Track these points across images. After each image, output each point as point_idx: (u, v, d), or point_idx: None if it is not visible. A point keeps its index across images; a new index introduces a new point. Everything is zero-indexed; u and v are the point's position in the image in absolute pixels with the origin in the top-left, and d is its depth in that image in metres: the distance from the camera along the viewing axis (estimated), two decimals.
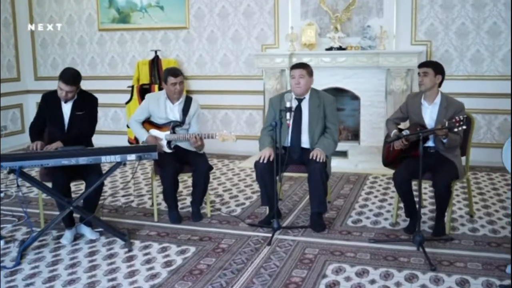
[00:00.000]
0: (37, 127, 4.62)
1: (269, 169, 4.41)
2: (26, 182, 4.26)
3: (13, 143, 8.31)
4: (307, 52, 7.08)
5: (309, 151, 4.55)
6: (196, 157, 4.82)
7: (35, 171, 5.97)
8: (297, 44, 7.20)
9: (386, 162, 4.72)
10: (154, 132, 4.87)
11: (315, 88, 4.81)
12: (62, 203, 4.23)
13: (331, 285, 3.51)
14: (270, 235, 4.33)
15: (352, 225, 4.65)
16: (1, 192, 5.64)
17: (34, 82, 8.86)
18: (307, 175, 4.58)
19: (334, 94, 5.02)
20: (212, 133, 4.74)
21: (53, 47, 8.71)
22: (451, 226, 4.47)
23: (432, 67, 4.34)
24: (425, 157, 4.01)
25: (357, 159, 6.83)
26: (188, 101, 4.95)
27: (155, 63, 7.79)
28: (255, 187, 5.89)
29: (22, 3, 8.63)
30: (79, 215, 4.40)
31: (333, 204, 5.25)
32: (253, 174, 6.38)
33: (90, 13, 8.38)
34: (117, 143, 6.73)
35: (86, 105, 4.61)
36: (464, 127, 3.84)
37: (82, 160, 4.01)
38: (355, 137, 7.41)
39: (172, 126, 4.83)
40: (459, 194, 5.42)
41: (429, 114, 4.39)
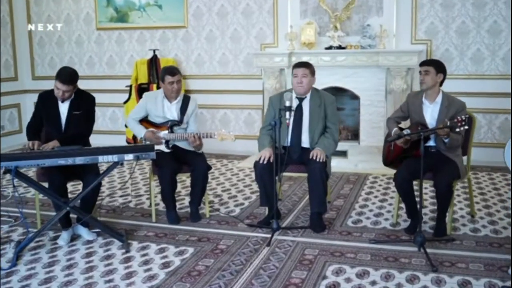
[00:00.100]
0: (34, 126, 4.56)
1: (268, 169, 4.36)
2: (22, 182, 4.20)
3: (11, 143, 8.26)
4: (307, 51, 7.04)
5: (309, 150, 4.51)
6: (194, 157, 4.77)
7: (32, 171, 5.91)
8: (297, 43, 7.16)
9: (386, 161, 4.67)
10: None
11: (315, 87, 4.76)
12: (58, 203, 4.18)
13: (331, 287, 3.46)
14: (269, 235, 4.28)
15: (352, 226, 4.60)
16: None
17: (31, 81, 8.81)
18: (306, 175, 4.53)
19: (333, 93, 4.97)
20: (210, 133, 4.69)
21: (50, 46, 8.65)
22: (452, 226, 4.42)
23: (433, 65, 4.30)
24: (426, 157, 3.96)
25: (357, 159, 6.78)
26: (186, 100, 4.90)
27: (154, 63, 7.75)
28: (254, 187, 5.84)
29: (19, 2, 8.58)
30: (76, 215, 4.35)
31: (333, 204, 5.20)
32: (252, 174, 6.34)
33: (88, 12, 8.33)
34: (115, 143, 6.67)
35: (83, 105, 4.56)
36: (466, 127, 3.80)
37: (79, 160, 3.96)
38: (355, 136, 7.36)
39: (170, 125, 4.78)
40: (460, 194, 5.38)
41: (430, 113, 4.34)
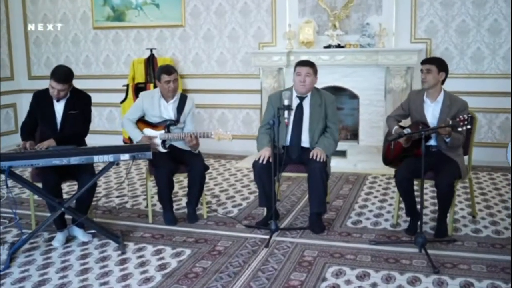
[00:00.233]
0: (28, 126, 4.49)
1: (267, 169, 4.30)
2: (16, 182, 4.13)
3: (7, 143, 8.15)
4: (305, 50, 6.98)
5: (308, 150, 4.45)
6: (191, 156, 4.70)
7: (28, 171, 5.84)
8: (295, 42, 7.09)
9: (386, 160, 4.61)
10: (148, 131, 4.75)
11: (315, 86, 4.69)
12: (53, 204, 4.11)
13: None
14: (267, 237, 4.21)
15: (352, 226, 4.53)
16: None
17: (27, 81, 8.74)
18: (305, 175, 4.48)
19: (332, 92, 4.91)
20: (207, 132, 4.62)
21: (47, 46, 8.58)
22: (453, 227, 4.35)
23: (435, 64, 4.22)
24: (427, 156, 3.89)
25: (356, 159, 6.72)
26: (183, 99, 4.83)
27: (151, 62, 7.68)
28: (252, 187, 5.78)
29: (15, 1, 8.50)
30: (71, 216, 4.27)
31: (332, 204, 5.14)
32: (250, 174, 6.29)
33: (84, 11, 8.27)
34: (112, 143, 6.57)
35: (79, 104, 4.49)
36: (468, 126, 3.74)
37: (74, 160, 3.89)
38: (354, 136, 7.30)
39: (166, 125, 4.71)
40: (461, 194, 5.31)
41: (432, 112, 4.28)
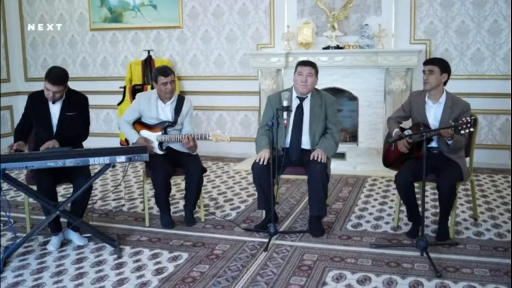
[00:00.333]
0: (23, 128, 4.41)
1: (266, 171, 4.23)
2: (10, 185, 4.05)
3: (3, 146, 8.08)
4: (304, 51, 6.92)
5: (309, 152, 4.38)
6: (189, 159, 4.63)
7: (23, 173, 5.76)
8: (294, 43, 7.04)
9: (386, 162, 4.55)
10: (145, 133, 4.68)
11: (316, 87, 4.63)
12: (47, 207, 4.03)
13: None
14: (266, 240, 4.14)
15: (352, 230, 4.46)
16: None
17: (24, 83, 8.67)
18: (304, 178, 4.42)
19: (331, 94, 4.84)
20: (205, 134, 4.55)
21: (43, 47, 8.51)
22: (455, 230, 4.28)
23: (438, 65, 4.15)
24: (428, 158, 3.82)
25: (356, 161, 6.66)
26: (180, 100, 4.76)
27: (148, 63, 7.62)
28: (251, 190, 5.71)
29: (12, 2, 8.44)
30: (66, 220, 4.20)
31: (332, 207, 5.07)
32: (249, 177, 6.23)
33: (81, 12, 8.20)
34: (109, 145, 6.43)
35: (77, 105, 4.41)
36: (471, 129, 3.67)
37: (69, 162, 3.81)
38: (353, 138, 7.23)
39: (163, 126, 4.64)
40: (462, 196, 5.25)
41: (433, 113, 4.21)
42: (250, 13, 7.40)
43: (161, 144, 4.65)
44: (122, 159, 3.88)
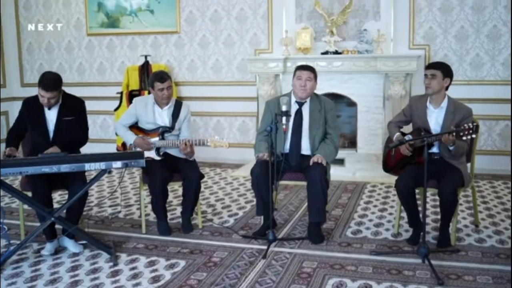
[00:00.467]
0: (15, 133, 4.33)
1: (265, 177, 4.16)
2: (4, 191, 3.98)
3: None
4: (302, 56, 6.87)
5: (308, 157, 4.32)
6: (186, 164, 4.57)
7: (18, 180, 5.68)
8: (292, 48, 7.00)
9: (386, 167, 4.49)
10: None
11: (315, 92, 4.57)
12: (42, 213, 3.96)
13: None
14: (265, 247, 4.07)
15: (352, 236, 4.40)
16: None
17: (20, 88, 8.59)
18: (303, 184, 4.37)
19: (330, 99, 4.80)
20: (203, 139, 4.49)
21: (40, 52, 8.45)
22: (456, 236, 4.22)
23: (441, 69, 4.09)
24: (429, 164, 3.75)
25: (355, 167, 6.61)
26: (178, 105, 4.71)
27: (145, 69, 7.57)
28: (249, 196, 5.65)
29: (8, 6, 8.38)
30: (61, 226, 4.12)
31: (331, 214, 5.00)
32: (247, 183, 6.17)
33: (78, 17, 8.15)
34: (106, 151, 6.46)
35: (74, 110, 4.35)
36: (474, 136, 3.62)
37: (64, 167, 3.74)
38: (352, 144, 7.17)
39: (161, 132, 4.58)
40: (462, 203, 5.20)
41: (435, 118, 4.15)
42: (248, 18, 7.36)
43: (158, 149, 4.59)
44: (118, 164, 3.82)
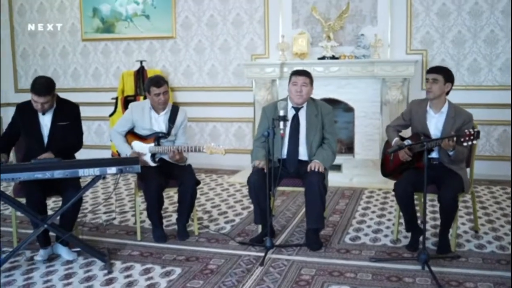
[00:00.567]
0: (7, 138, 4.26)
1: (262, 184, 4.10)
2: None
3: None
4: (299, 61, 6.83)
5: (306, 163, 4.26)
6: (182, 170, 4.50)
7: (11, 186, 5.60)
8: (288, 53, 6.96)
9: (385, 172, 4.44)
10: (137, 144, 4.55)
11: (311, 96, 4.52)
12: (35, 220, 3.88)
13: None
14: (262, 254, 4.00)
15: (350, 243, 4.34)
16: None
17: (14, 94, 8.53)
18: (300, 190, 4.31)
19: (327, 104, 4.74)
20: (199, 146, 4.42)
21: (34, 58, 8.39)
22: (456, 242, 4.16)
23: (442, 74, 4.03)
24: (429, 169, 3.69)
25: (352, 173, 6.56)
26: (174, 110, 4.64)
27: (141, 74, 7.51)
28: (245, 202, 5.59)
29: (2, 11, 8.32)
30: (55, 233, 4.05)
31: (329, 220, 4.94)
32: (243, 189, 6.11)
33: (73, 22, 8.10)
34: (101, 158, 6.42)
35: (69, 115, 4.28)
36: (475, 142, 3.57)
37: (57, 173, 3.66)
38: (349, 150, 7.12)
39: (156, 137, 4.52)
40: (461, 208, 5.14)
41: (435, 123, 4.10)
42: (244, 24, 7.32)
43: (153, 155, 4.52)
44: (113, 170, 3.75)
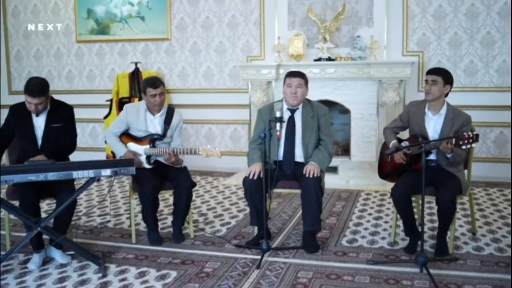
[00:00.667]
0: (0, 141, 4.21)
1: (258, 186, 4.06)
2: None
3: None
4: (295, 63, 6.80)
5: (302, 165, 4.21)
6: (177, 172, 4.46)
7: (4, 188, 5.54)
8: (284, 55, 6.93)
9: (382, 174, 4.41)
10: (132, 146, 4.50)
11: (307, 98, 4.48)
12: (28, 223, 3.82)
13: None
14: (259, 257, 3.95)
15: (347, 245, 4.30)
16: None
17: (8, 96, 8.44)
18: (297, 192, 4.27)
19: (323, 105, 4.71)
20: (195, 148, 4.36)
21: (28, 60, 8.33)
22: (454, 245, 4.13)
23: (442, 75, 4.00)
24: (427, 171, 3.65)
25: (348, 175, 6.52)
26: (170, 112, 4.60)
27: (135, 76, 7.46)
28: (241, 205, 5.54)
29: None
30: (48, 236, 3.99)
31: (326, 222, 4.90)
32: (239, 191, 6.06)
33: (67, 24, 8.03)
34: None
35: (63, 116, 4.23)
36: (473, 145, 3.53)
37: (51, 175, 3.61)
38: (345, 152, 7.09)
39: (152, 139, 4.47)
40: (458, 210, 5.09)
41: (433, 125, 4.06)
42: (240, 25, 7.29)
43: (149, 157, 4.47)
44: (107, 172, 3.70)
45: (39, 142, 4.18)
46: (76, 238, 4.45)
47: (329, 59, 6.66)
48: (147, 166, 4.47)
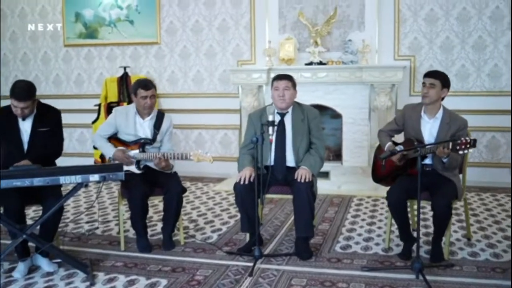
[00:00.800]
0: None
1: (250, 191, 3.97)
2: None
3: None
4: (286, 67, 6.73)
5: (294, 170, 4.14)
6: (167, 178, 4.36)
7: None
8: (275, 59, 6.86)
9: (376, 177, 4.34)
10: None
11: (297, 101, 4.41)
12: (13, 230, 3.71)
13: None
14: (251, 264, 3.87)
15: (341, 252, 4.22)
16: None
17: None
18: (289, 197, 4.20)
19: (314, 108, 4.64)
20: (186, 153, 4.27)
21: (15, 64, 8.19)
22: (449, 250, 4.07)
23: (440, 79, 3.93)
24: (422, 176, 3.59)
25: (340, 180, 6.46)
26: (160, 116, 4.51)
27: (124, 80, 7.37)
28: (232, 211, 5.45)
29: None
30: (34, 244, 3.88)
31: (318, 228, 4.82)
32: (230, 197, 5.97)
33: (55, 26, 7.90)
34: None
35: (50, 120, 4.14)
36: (470, 150, 3.48)
37: (37, 181, 3.50)
38: (337, 157, 7.02)
39: (141, 144, 4.37)
40: (453, 215, 5.02)
41: (429, 129, 4.00)
42: (230, 29, 7.22)
43: (138, 162, 4.38)
44: (95, 178, 3.59)
45: (25, 146, 4.08)
46: (63, 245, 4.34)
47: (321, 63, 6.61)
48: (136, 171, 4.37)
